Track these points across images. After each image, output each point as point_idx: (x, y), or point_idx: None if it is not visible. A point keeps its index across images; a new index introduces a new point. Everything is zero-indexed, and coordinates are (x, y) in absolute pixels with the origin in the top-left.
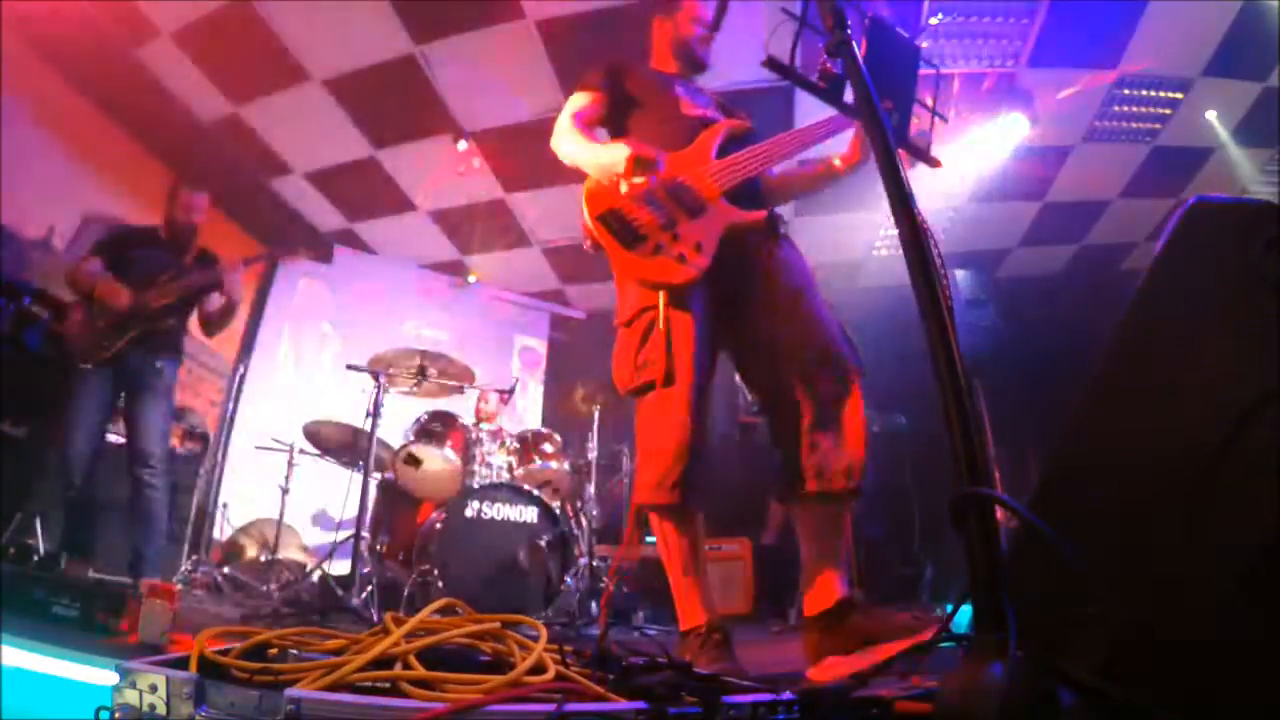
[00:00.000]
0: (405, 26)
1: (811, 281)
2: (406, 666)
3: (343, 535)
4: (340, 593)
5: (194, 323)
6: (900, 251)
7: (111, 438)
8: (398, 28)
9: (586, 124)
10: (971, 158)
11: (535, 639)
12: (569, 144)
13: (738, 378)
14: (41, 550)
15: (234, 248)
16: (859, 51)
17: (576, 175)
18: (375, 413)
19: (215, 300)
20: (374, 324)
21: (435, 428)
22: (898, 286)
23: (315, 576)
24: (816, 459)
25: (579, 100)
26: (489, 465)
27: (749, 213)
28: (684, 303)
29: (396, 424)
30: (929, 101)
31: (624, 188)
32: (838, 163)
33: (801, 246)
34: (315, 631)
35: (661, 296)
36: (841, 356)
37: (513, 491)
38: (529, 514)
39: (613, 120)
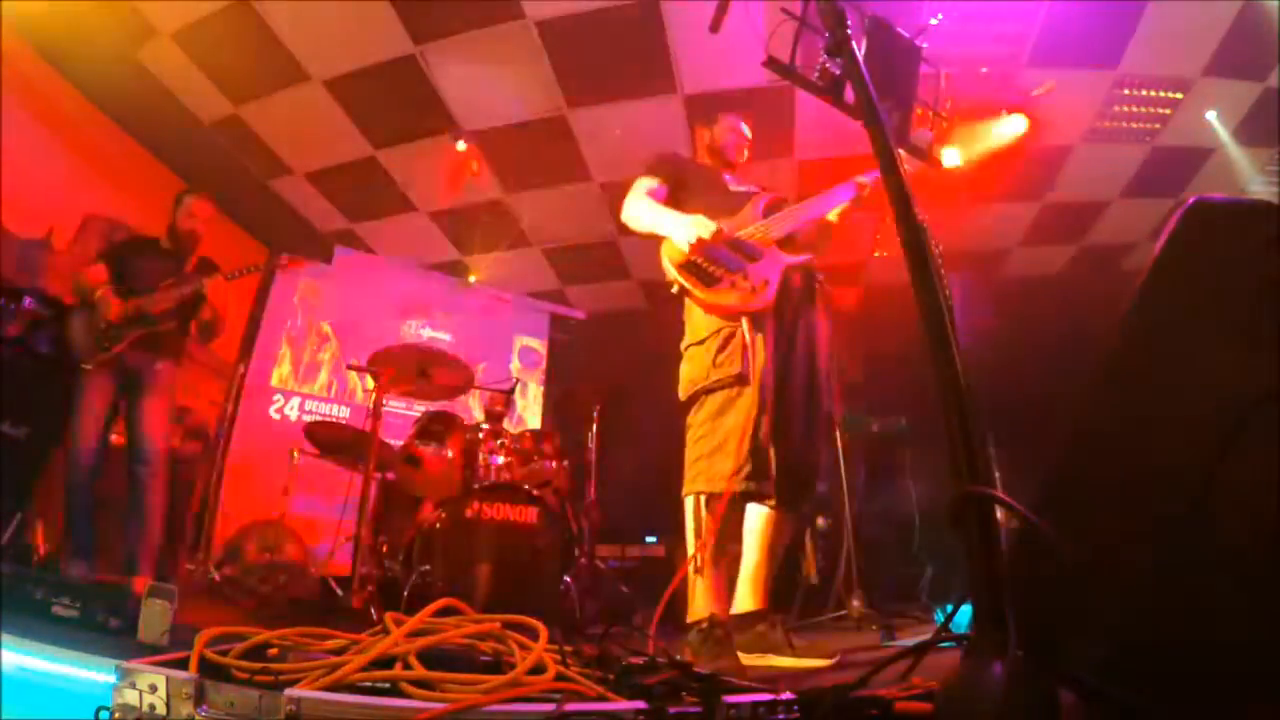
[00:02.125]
0: (405, 26)
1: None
2: (407, 666)
3: (343, 536)
4: (340, 593)
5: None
6: (901, 252)
7: (113, 438)
8: (398, 28)
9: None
10: (971, 158)
11: (535, 639)
12: (649, 214)
13: None
14: (41, 550)
15: (234, 248)
16: (859, 51)
17: (576, 176)
18: (375, 413)
19: (204, 311)
20: (374, 324)
21: (435, 428)
22: (898, 286)
23: (315, 577)
24: (795, 475)
25: (648, 183)
26: (489, 465)
27: (798, 257)
28: (758, 325)
29: (397, 424)
30: (929, 101)
31: (700, 239)
32: (832, 217)
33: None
34: (315, 631)
35: (745, 320)
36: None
37: (513, 491)
38: (529, 514)
39: (673, 196)
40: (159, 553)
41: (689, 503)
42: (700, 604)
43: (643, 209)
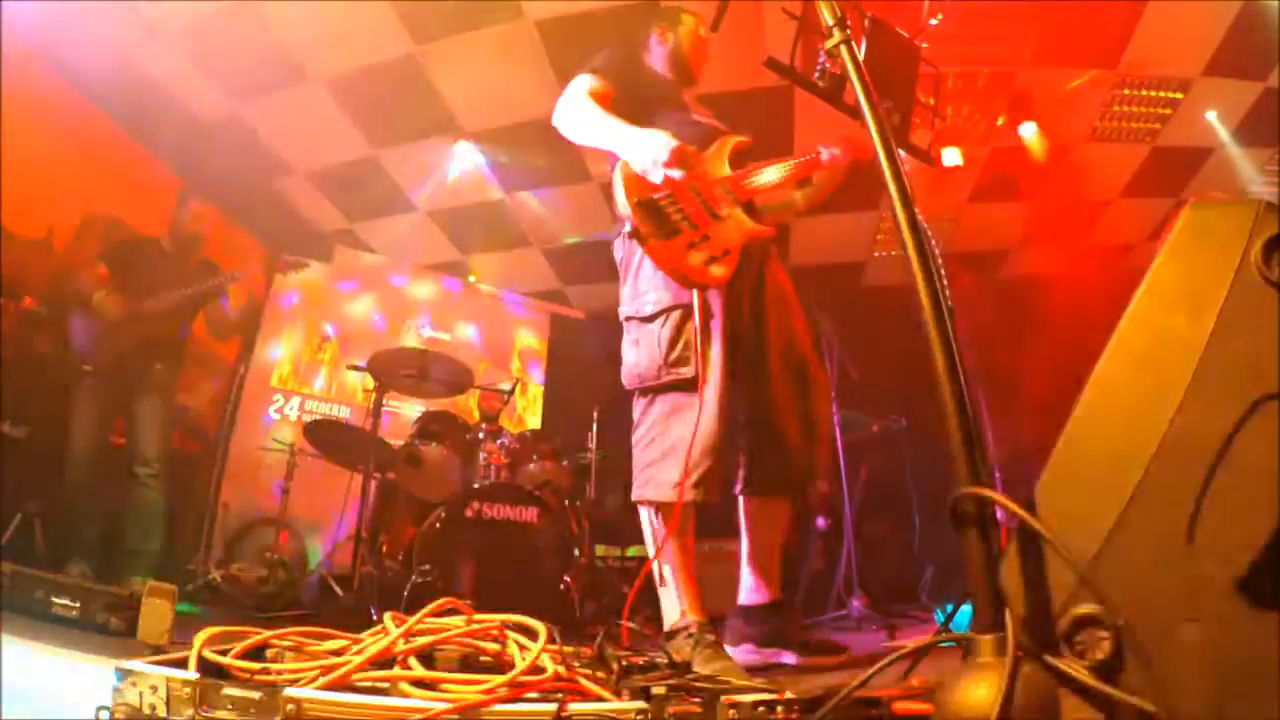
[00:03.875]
0: (405, 26)
1: (796, 301)
2: (407, 666)
3: (343, 536)
4: (340, 593)
5: (199, 326)
6: (901, 251)
7: (112, 438)
8: (398, 28)
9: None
10: (971, 158)
11: (535, 639)
12: (599, 122)
13: None
14: (41, 550)
15: (234, 248)
16: (859, 51)
17: (577, 175)
18: (375, 413)
19: (225, 307)
20: (374, 324)
21: (435, 428)
22: (898, 287)
23: (315, 576)
24: (792, 459)
25: (590, 81)
26: (489, 465)
27: (764, 227)
28: (710, 304)
29: (397, 424)
30: (929, 102)
31: (658, 176)
32: (798, 198)
33: (802, 247)
34: (315, 631)
35: (695, 297)
36: (817, 368)
37: (512, 491)
38: (528, 514)
39: (621, 112)
40: (159, 553)
41: (642, 513)
42: (679, 610)
43: (590, 115)
